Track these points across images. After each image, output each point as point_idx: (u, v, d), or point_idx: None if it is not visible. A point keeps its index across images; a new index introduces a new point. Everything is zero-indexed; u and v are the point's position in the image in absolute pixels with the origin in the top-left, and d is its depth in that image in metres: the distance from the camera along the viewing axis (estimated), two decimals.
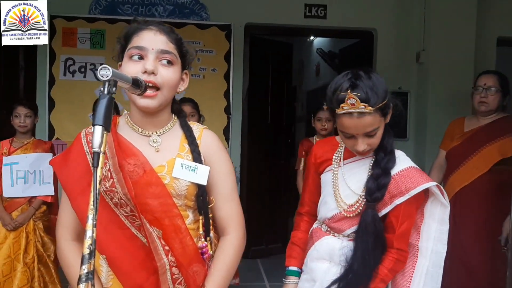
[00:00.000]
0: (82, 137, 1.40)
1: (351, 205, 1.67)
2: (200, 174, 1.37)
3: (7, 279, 3.12)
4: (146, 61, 1.31)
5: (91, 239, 0.95)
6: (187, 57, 1.44)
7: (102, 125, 1.00)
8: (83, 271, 0.93)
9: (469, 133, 3.00)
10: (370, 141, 1.58)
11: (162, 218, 1.31)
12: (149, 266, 1.31)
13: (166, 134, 1.41)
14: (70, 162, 1.37)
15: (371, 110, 1.50)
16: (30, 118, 3.27)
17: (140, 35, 1.36)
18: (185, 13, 4.80)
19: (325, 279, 1.69)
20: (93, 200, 0.97)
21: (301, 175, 3.62)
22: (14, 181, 3.17)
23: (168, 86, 1.35)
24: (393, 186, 1.61)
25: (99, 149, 0.99)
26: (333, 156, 1.75)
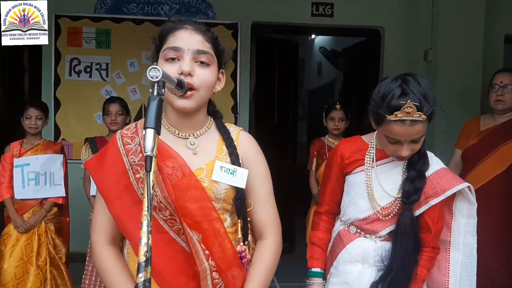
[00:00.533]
0: (118, 139, 1.36)
1: (385, 207, 1.68)
2: (239, 177, 1.34)
3: (20, 282, 3.08)
4: (182, 63, 1.27)
5: (147, 246, 0.92)
6: (223, 56, 1.40)
7: (154, 128, 0.97)
8: (140, 279, 0.90)
9: (485, 132, 2.98)
10: (414, 147, 1.59)
11: (202, 221, 1.28)
12: (189, 271, 1.28)
13: (203, 136, 1.38)
14: (106, 165, 1.33)
15: (424, 118, 1.50)
16: (41, 120, 3.24)
17: (176, 35, 1.31)
18: (191, 12, 4.77)
19: (360, 282, 1.69)
20: (147, 205, 0.94)
21: (313, 175, 3.60)
22: (26, 183, 3.13)
23: (205, 87, 1.31)
24: (428, 187, 1.63)
25: (151, 153, 0.96)
26: (365, 157, 1.74)
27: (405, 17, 4.90)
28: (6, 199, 3.15)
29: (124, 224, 1.29)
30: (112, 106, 3.28)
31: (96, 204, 1.39)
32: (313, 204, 3.56)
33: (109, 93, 4.64)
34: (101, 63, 4.67)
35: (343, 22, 4.92)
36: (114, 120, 3.27)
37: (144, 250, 0.91)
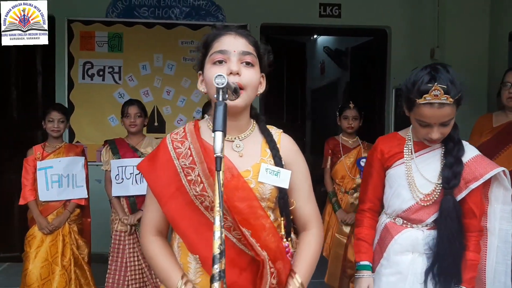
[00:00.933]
0: (168, 143, 1.43)
1: (427, 194, 1.79)
2: (283, 178, 1.42)
3: (46, 282, 3.14)
4: (229, 64, 1.35)
5: (220, 240, 1.00)
6: (263, 59, 1.47)
7: (222, 131, 1.05)
8: (216, 270, 0.98)
9: (498, 128, 3.05)
10: (443, 130, 1.71)
11: (249, 218, 1.35)
12: (241, 263, 1.36)
13: (248, 139, 1.46)
14: (158, 168, 1.41)
15: (451, 101, 1.64)
16: (63, 123, 3.29)
17: (221, 40, 1.39)
18: (201, 14, 4.85)
19: (413, 270, 1.80)
20: (219, 202, 1.01)
21: (328, 173, 3.67)
22: (49, 185, 3.19)
23: (252, 86, 1.39)
24: (467, 172, 1.75)
25: (221, 154, 1.03)
26: (403, 149, 1.85)
27: (411, 17, 4.98)
28: (30, 202, 3.21)
29: (177, 222, 1.38)
30: (131, 109, 3.34)
31: (146, 200, 1.48)
32: (328, 202, 3.63)
33: (122, 96, 4.72)
34: (113, 67, 4.74)
35: (350, 22, 5.00)
36: (133, 122, 3.32)
37: (218, 243, 0.99)
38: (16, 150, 4.55)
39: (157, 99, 4.83)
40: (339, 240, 3.51)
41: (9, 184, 4.71)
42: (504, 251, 1.82)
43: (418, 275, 1.80)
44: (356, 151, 3.60)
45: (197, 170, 1.36)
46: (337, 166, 3.60)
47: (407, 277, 1.81)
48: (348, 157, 3.58)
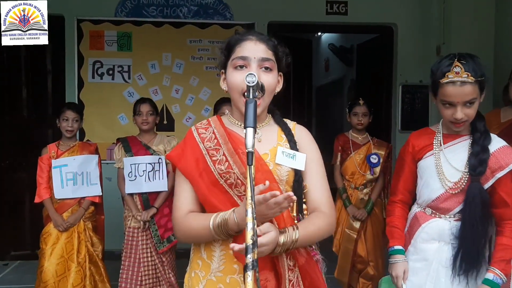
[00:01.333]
0: (193, 130, 1.54)
1: (455, 182, 1.86)
2: (298, 160, 1.50)
3: (62, 279, 3.19)
4: (249, 69, 1.44)
5: (253, 230, 1.04)
6: (282, 60, 1.56)
7: (253, 127, 1.10)
8: (249, 259, 1.02)
9: (506, 123, 3.08)
10: (467, 111, 1.79)
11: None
12: None
13: (265, 128, 1.55)
14: (186, 153, 1.50)
15: (472, 79, 1.73)
16: (77, 123, 3.34)
17: (242, 45, 1.48)
18: (209, 13, 4.89)
19: (439, 257, 1.87)
20: (251, 195, 1.06)
21: (338, 169, 3.70)
22: (64, 183, 3.23)
23: (269, 91, 1.49)
24: (493, 162, 1.82)
25: (252, 149, 1.09)
26: (433, 141, 1.94)
27: (417, 13, 5.02)
28: (45, 199, 3.26)
29: (208, 198, 1.45)
30: (143, 107, 3.39)
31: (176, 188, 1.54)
32: (338, 198, 3.67)
33: (132, 94, 4.76)
34: (123, 65, 4.79)
35: (357, 20, 5.04)
36: (145, 120, 3.37)
37: (251, 234, 1.04)
38: (27, 148, 4.62)
39: (166, 98, 4.87)
40: (349, 236, 3.55)
41: (20, 182, 4.76)
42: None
43: (443, 263, 1.87)
44: (366, 148, 3.63)
45: (222, 150, 1.46)
46: (347, 163, 3.64)
47: (432, 264, 1.89)
48: (358, 154, 3.61)
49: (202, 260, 1.48)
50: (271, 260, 1.41)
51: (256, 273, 1.03)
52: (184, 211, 1.47)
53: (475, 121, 1.88)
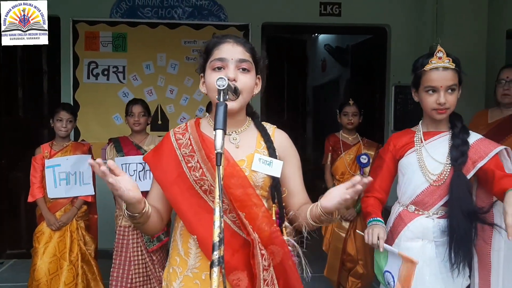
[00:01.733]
0: (171, 135, 1.58)
1: (438, 175, 1.94)
2: (275, 167, 1.54)
3: (54, 277, 3.24)
4: (227, 70, 1.49)
5: (220, 228, 1.09)
6: (259, 63, 1.61)
7: (222, 129, 1.15)
8: (215, 256, 1.07)
9: (493, 124, 3.13)
10: (449, 98, 1.92)
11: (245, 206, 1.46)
12: (234, 244, 1.47)
13: (244, 133, 1.59)
14: (162, 157, 1.55)
15: (453, 65, 1.89)
16: (71, 123, 3.39)
17: (220, 48, 1.52)
18: (203, 14, 4.93)
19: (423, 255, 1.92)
20: (218, 194, 1.10)
21: (328, 169, 3.75)
22: (57, 182, 3.28)
23: (247, 90, 1.52)
24: (473, 152, 1.91)
25: (221, 150, 1.13)
26: (414, 139, 2.02)
27: (410, 14, 5.05)
28: (38, 199, 3.30)
29: (179, 206, 1.50)
30: (135, 108, 3.43)
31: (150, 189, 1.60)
32: None
33: (126, 95, 4.80)
34: (118, 66, 4.83)
35: (350, 21, 5.07)
36: (137, 121, 3.41)
37: (218, 232, 1.08)
38: (23, 148, 4.65)
39: (160, 98, 4.92)
40: (339, 235, 3.59)
41: (16, 182, 4.81)
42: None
43: (427, 261, 1.92)
44: (356, 148, 3.67)
45: (196, 157, 1.49)
46: (337, 163, 3.68)
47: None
48: (348, 154, 3.66)
49: (180, 257, 1.53)
50: (244, 260, 1.45)
51: (222, 270, 1.07)
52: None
53: (453, 119, 1.99)
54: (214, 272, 1.06)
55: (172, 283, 1.53)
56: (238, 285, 1.45)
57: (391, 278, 1.87)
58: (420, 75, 1.96)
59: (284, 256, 1.49)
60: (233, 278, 1.45)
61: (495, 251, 1.94)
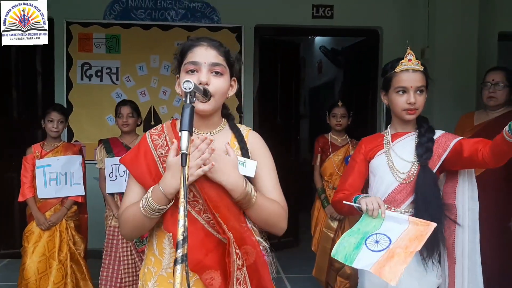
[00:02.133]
0: (147, 136, 1.60)
1: (407, 173, 2.00)
2: (249, 167, 1.55)
3: (43, 276, 3.26)
4: (200, 74, 1.50)
5: (184, 227, 1.12)
6: (234, 66, 1.62)
7: (188, 130, 1.17)
8: (179, 254, 1.10)
9: (479, 126, 3.15)
10: (418, 98, 1.99)
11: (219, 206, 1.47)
12: (208, 244, 1.48)
13: (218, 134, 1.61)
14: (139, 158, 1.56)
15: (422, 68, 1.98)
16: (62, 124, 3.42)
17: (194, 51, 1.54)
18: (197, 16, 4.97)
19: None
20: (183, 194, 1.13)
21: (317, 170, 3.78)
22: (48, 183, 3.31)
23: (220, 94, 1.54)
24: (437, 146, 1.98)
25: (186, 151, 1.16)
26: (383, 141, 2.10)
27: (402, 17, 5.09)
28: (28, 198, 3.33)
29: None
30: (123, 109, 3.47)
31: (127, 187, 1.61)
32: (317, 198, 3.74)
33: (120, 96, 4.84)
34: (111, 67, 4.87)
35: (342, 23, 5.11)
36: (125, 122, 3.45)
37: (182, 231, 1.11)
38: (17, 149, 4.67)
39: (153, 99, 4.96)
40: (327, 235, 3.62)
41: (10, 182, 4.85)
42: (473, 229, 1.99)
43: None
44: (344, 149, 3.71)
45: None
46: (326, 164, 3.72)
47: None
48: (336, 155, 3.69)
49: (155, 257, 1.55)
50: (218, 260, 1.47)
51: (186, 267, 1.10)
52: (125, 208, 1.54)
53: (420, 120, 2.07)
54: (177, 270, 1.09)
55: (147, 283, 1.55)
56: (211, 284, 1.46)
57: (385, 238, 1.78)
58: (390, 77, 2.03)
59: (257, 256, 1.52)
60: (206, 277, 1.47)
61: (459, 243, 1.98)
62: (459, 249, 1.98)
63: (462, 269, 1.98)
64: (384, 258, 1.70)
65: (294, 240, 5.61)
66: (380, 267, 1.68)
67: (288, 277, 4.53)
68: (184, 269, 1.10)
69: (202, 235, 1.49)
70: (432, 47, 4.82)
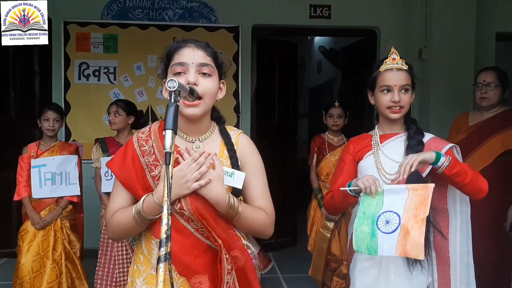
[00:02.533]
0: (135, 141, 1.56)
1: (396, 173, 1.97)
2: (236, 179, 1.53)
3: (37, 275, 3.27)
4: (188, 75, 1.47)
5: (167, 226, 1.12)
6: (222, 67, 1.60)
7: (172, 129, 1.17)
8: (162, 252, 1.10)
9: (473, 127, 3.16)
10: (402, 97, 1.98)
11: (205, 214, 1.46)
12: (197, 250, 1.48)
13: (207, 140, 1.57)
14: (127, 164, 1.53)
15: (406, 66, 1.98)
16: (58, 122, 3.43)
17: (181, 52, 1.51)
18: (194, 16, 4.97)
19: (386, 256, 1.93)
20: (167, 192, 1.14)
21: (314, 169, 3.79)
22: (43, 183, 3.31)
23: (209, 95, 1.50)
24: (427, 150, 1.94)
25: (170, 150, 1.16)
26: (371, 142, 2.07)
27: (399, 17, 5.09)
28: (24, 198, 3.34)
29: None
30: (110, 107, 3.51)
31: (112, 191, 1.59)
32: (314, 198, 3.75)
33: (117, 95, 4.85)
34: (109, 67, 4.88)
35: (340, 23, 5.11)
36: (111, 120, 3.48)
37: (165, 229, 1.11)
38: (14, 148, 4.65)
39: (151, 99, 4.96)
40: (323, 235, 3.62)
41: (8, 181, 4.83)
42: (466, 232, 1.99)
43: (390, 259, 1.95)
44: (340, 149, 3.70)
45: (160, 167, 1.49)
46: (322, 163, 3.72)
47: (381, 262, 1.97)
48: (333, 155, 3.69)
49: (143, 256, 1.55)
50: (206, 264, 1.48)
51: (169, 265, 1.10)
52: (113, 211, 1.53)
53: (408, 121, 2.06)
54: (160, 268, 1.10)
55: (136, 280, 1.55)
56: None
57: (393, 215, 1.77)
58: (375, 76, 2.03)
59: (246, 260, 1.52)
60: (194, 281, 1.47)
61: (452, 247, 1.98)
62: (453, 251, 1.98)
63: (455, 271, 1.98)
64: (401, 237, 1.72)
65: (291, 240, 5.62)
66: (402, 248, 1.71)
67: (284, 276, 4.53)
68: (168, 267, 1.10)
69: (191, 241, 1.48)
70: (429, 47, 4.82)
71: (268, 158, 5.18)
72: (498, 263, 3.07)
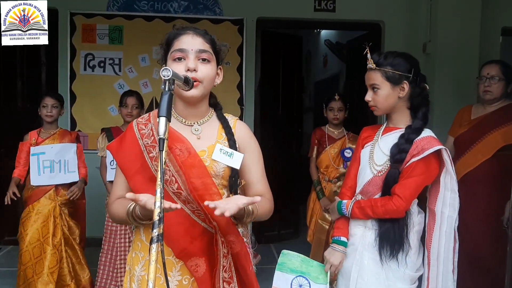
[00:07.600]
0: (134, 126, 1.62)
1: (382, 165, 2.02)
2: (235, 159, 1.58)
3: (38, 261, 3.33)
4: (187, 61, 1.52)
5: (160, 208, 1.16)
6: (220, 54, 1.65)
7: (165, 116, 1.21)
8: (154, 233, 1.14)
9: (475, 120, 3.16)
10: (373, 96, 2.03)
11: (204, 194, 1.51)
12: (193, 233, 1.53)
13: (206, 124, 1.63)
14: (125, 147, 1.59)
15: (373, 66, 2.00)
16: (57, 109, 3.47)
17: (180, 39, 1.56)
18: (199, 8, 5.00)
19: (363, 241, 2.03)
20: (160, 177, 1.18)
21: (314, 162, 3.82)
22: (41, 170, 3.36)
23: (208, 80, 1.56)
24: (414, 148, 1.96)
25: (164, 136, 1.20)
26: (376, 133, 2.12)
27: (404, 11, 5.08)
28: (14, 177, 3.43)
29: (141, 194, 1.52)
30: (129, 99, 3.52)
31: (115, 177, 1.65)
32: (313, 190, 3.78)
33: (122, 86, 4.89)
34: (114, 58, 4.92)
35: (344, 17, 5.11)
36: (130, 112, 3.50)
37: (158, 212, 1.15)
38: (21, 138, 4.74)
39: (155, 90, 5.00)
40: (322, 226, 3.65)
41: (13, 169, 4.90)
42: (449, 237, 2.01)
43: (366, 247, 2.02)
44: (340, 142, 3.73)
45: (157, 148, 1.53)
46: (322, 156, 3.75)
47: (358, 248, 2.04)
48: (332, 148, 3.72)
49: (142, 242, 1.59)
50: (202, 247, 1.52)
51: (161, 246, 1.14)
52: (114, 198, 1.59)
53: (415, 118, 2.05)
54: (152, 248, 1.13)
55: (135, 267, 1.59)
56: (196, 270, 1.51)
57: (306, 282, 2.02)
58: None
59: (241, 247, 1.56)
60: (191, 264, 1.51)
61: (435, 248, 2.01)
62: (434, 253, 2.02)
63: (437, 273, 2.02)
64: None
65: (294, 231, 5.65)
66: None
67: None
68: (160, 248, 1.14)
69: (187, 224, 1.53)
70: (434, 42, 4.80)
71: (271, 150, 5.31)
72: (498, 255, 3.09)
